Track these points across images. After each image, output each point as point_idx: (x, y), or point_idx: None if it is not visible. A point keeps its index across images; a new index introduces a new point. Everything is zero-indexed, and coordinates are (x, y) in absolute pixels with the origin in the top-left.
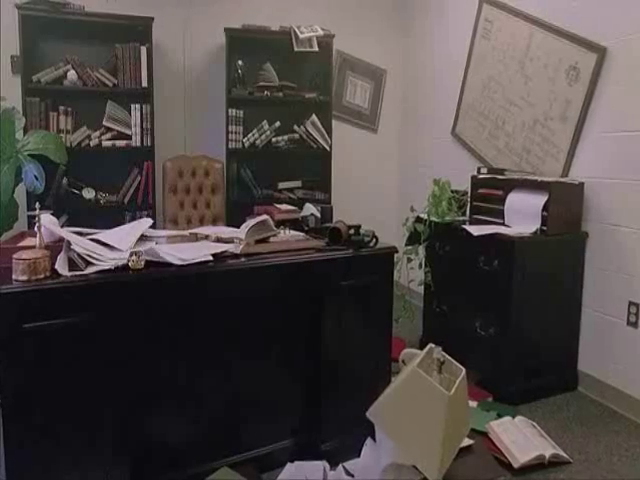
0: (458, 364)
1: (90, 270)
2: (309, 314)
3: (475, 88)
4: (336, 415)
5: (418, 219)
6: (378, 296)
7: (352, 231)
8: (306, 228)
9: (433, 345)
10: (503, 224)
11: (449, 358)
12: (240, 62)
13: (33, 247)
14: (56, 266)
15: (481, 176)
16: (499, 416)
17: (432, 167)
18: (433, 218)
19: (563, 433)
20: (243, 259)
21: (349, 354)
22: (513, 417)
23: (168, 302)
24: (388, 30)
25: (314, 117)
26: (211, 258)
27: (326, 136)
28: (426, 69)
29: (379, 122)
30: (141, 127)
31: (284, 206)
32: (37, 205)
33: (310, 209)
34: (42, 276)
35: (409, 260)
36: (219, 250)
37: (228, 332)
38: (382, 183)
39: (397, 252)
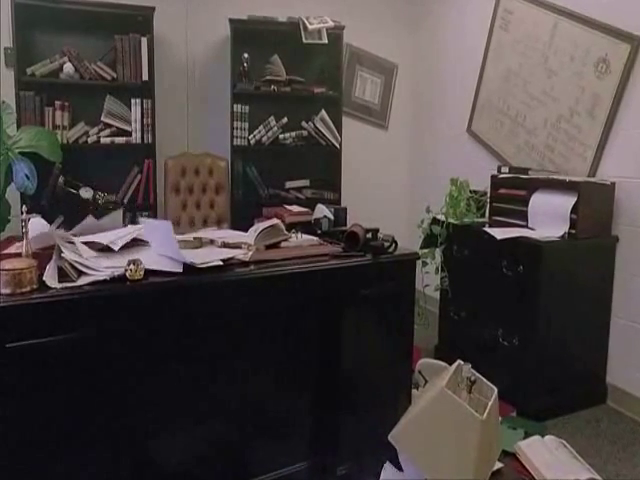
0: (489, 383)
1: (83, 281)
2: (324, 326)
3: (493, 83)
4: (353, 435)
5: (434, 221)
6: (399, 305)
7: (369, 235)
8: (319, 232)
9: (462, 362)
10: (526, 226)
11: (479, 376)
12: (245, 55)
13: (19, 255)
14: (45, 277)
15: (502, 175)
16: (527, 435)
17: (446, 166)
18: (451, 220)
19: (595, 453)
20: (252, 267)
21: (368, 368)
22: (542, 436)
23: (170, 315)
24: (399, 22)
25: (323, 113)
26: (221, 263)
27: (336, 133)
28: (440, 63)
29: (389, 118)
30: (141, 123)
31: (295, 207)
32: (24, 208)
33: (323, 211)
34: (28, 289)
35: (424, 264)
36: (226, 257)
37: (236, 347)
38: (392, 182)
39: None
